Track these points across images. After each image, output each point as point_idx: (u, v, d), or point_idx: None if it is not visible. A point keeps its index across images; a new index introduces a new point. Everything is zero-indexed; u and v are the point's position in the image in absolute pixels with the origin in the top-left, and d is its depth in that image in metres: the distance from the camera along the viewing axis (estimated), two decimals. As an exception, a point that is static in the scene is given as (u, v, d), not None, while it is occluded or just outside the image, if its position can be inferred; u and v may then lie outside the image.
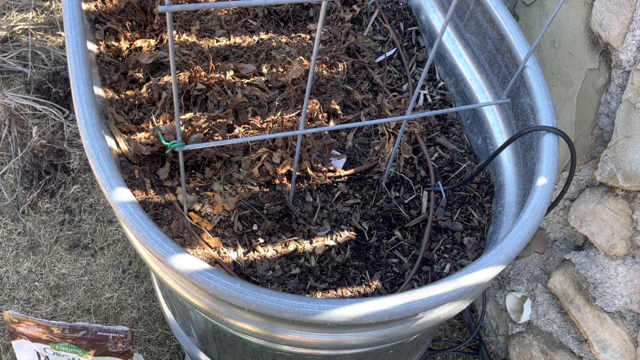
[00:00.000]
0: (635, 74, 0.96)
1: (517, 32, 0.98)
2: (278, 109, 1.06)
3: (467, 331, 1.67)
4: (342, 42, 1.23)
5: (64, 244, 1.70)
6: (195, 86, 1.03)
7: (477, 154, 1.10)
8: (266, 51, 1.17)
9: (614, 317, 1.12)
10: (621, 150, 1.00)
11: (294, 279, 0.89)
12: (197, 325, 1.01)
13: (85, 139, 0.75)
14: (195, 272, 0.67)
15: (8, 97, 1.90)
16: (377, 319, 0.67)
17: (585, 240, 1.20)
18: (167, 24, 0.55)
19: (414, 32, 1.31)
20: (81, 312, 1.59)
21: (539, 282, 1.36)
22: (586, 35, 1.08)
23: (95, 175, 0.73)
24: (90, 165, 0.74)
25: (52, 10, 2.28)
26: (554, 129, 0.86)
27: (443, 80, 1.22)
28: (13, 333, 1.06)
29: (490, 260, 0.73)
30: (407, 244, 0.97)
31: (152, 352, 1.55)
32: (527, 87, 0.93)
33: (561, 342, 1.31)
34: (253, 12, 1.28)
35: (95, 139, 0.75)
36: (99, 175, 0.73)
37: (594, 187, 1.13)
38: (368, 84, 1.19)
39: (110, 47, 1.09)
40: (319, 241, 0.93)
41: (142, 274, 1.67)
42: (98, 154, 0.74)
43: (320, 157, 1.03)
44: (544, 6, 1.20)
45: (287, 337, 0.73)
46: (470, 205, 1.02)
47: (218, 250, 0.89)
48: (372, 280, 0.91)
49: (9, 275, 1.63)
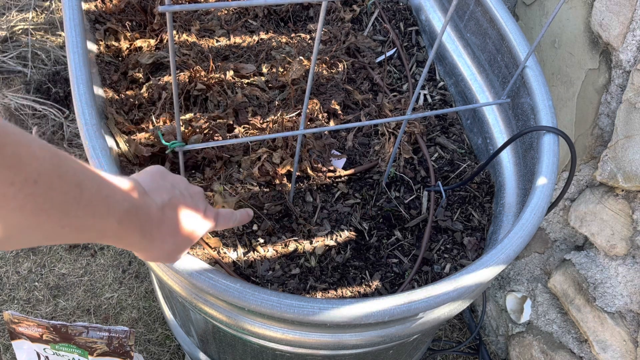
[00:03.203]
0: (635, 74, 0.96)
1: (517, 32, 0.98)
2: (278, 109, 1.06)
3: (467, 331, 1.67)
4: (342, 42, 1.23)
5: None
6: (195, 86, 1.03)
7: (477, 154, 1.10)
8: (266, 51, 1.17)
9: (614, 317, 1.12)
10: (621, 150, 1.00)
11: (294, 279, 0.89)
12: (197, 325, 1.01)
13: (85, 139, 0.75)
14: (195, 272, 0.67)
15: (8, 97, 1.90)
16: (377, 319, 0.67)
17: (585, 241, 1.20)
18: (167, 24, 0.55)
19: (414, 32, 1.31)
20: (81, 312, 1.59)
21: (539, 282, 1.36)
22: (586, 35, 1.08)
23: (95, 175, 0.73)
24: (91, 165, 0.74)
25: (52, 10, 2.28)
26: (554, 129, 0.86)
27: (443, 80, 1.22)
28: (13, 333, 1.05)
29: (491, 260, 0.73)
30: (407, 244, 0.97)
31: (152, 352, 1.55)
32: (527, 87, 0.93)
33: (561, 342, 1.31)
34: (253, 12, 1.28)
35: (96, 139, 0.75)
36: (99, 175, 0.73)
37: (594, 187, 1.13)
38: (368, 84, 1.19)
39: (110, 47, 1.09)
40: (319, 241, 0.93)
41: (142, 274, 1.67)
42: (98, 154, 0.74)
43: (320, 157, 1.03)
44: (544, 6, 1.20)
45: (287, 337, 0.73)
46: (470, 205, 1.02)
47: (218, 250, 0.89)
48: (372, 280, 0.91)
49: (9, 275, 1.63)
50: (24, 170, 0.31)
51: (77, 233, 0.38)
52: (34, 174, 0.32)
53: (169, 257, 0.55)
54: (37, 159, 0.32)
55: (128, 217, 0.43)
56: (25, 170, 0.31)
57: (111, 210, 0.41)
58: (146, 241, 0.48)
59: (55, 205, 0.34)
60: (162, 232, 0.49)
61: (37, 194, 0.32)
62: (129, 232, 0.45)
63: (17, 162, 0.31)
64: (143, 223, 0.46)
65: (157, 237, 0.49)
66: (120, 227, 0.43)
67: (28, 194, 0.32)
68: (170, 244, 0.52)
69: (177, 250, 0.54)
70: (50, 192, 0.33)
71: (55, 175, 0.34)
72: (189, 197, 0.53)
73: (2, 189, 0.30)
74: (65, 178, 0.35)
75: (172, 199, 0.50)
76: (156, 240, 0.49)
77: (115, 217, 0.41)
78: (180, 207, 0.51)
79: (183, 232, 0.52)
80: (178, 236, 0.52)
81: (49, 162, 0.33)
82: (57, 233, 0.36)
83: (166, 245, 0.51)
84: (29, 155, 0.32)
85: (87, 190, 0.37)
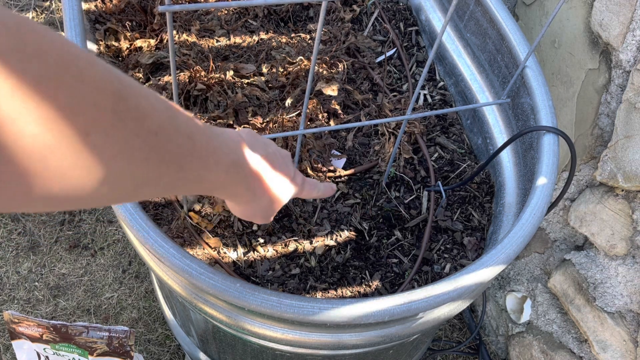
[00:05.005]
0: (635, 74, 0.96)
1: (517, 32, 0.98)
2: (278, 109, 1.06)
3: (467, 331, 1.67)
4: (342, 42, 1.23)
5: (64, 244, 1.70)
6: (195, 86, 1.03)
7: (477, 154, 1.10)
8: (266, 51, 1.17)
9: (614, 317, 1.12)
10: (621, 150, 1.00)
11: (294, 279, 0.89)
12: (197, 325, 1.01)
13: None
14: (195, 272, 0.67)
15: (8, 97, 1.90)
16: (377, 319, 0.67)
17: (585, 241, 1.20)
18: (167, 24, 0.55)
19: (414, 32, 1.31)
20: (81, 312, 1.59)
21: (539, 282, 1.36)
22: (586, 35, 1.08)
23: (95, 175, 0.73)
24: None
25: (52, 10, 2.28)
26: (554, 129, 0.86)
27: (443, 80, 1.22)
28: (13, 333, 1.06)
29: (491, 260, 0.73)
30: (407, 244, 0.97)
31: (152, 352, 1.55)
32: (527, 87, 0.93)
33: (561, 342, 1.31)
34: (253, 12, 1.28)
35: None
36: (99, 175, 0.72)
37: (594, 187, 1.13)
38: (368, 84, 1.19)
39: (110, 47, 1.09)
40: (319, 241, 0.93)
41: (142, 274, 1.67)
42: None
43: (320, 157, 1.03)
44: (544, 6, 1.20)
45: (287, 337, 0.73)
46: (470, 205, 1.02)
47: (218, 250, 0.89)
48: (372, 280, 0.91)
49: (9, 275, 1.63)
50: (146, 122, 0.31)
51: (191, 184, 0.39)
52: (154, 126, 0.32)
53: (265, 214, 0.55)
54: (156, 111, 0.32)
55: (234, 169, 0.44)
56: (147, 122, 0.31)
57: (219, 162, 0.41)
58: (250, 193, 0.49)
59: (173, 158, 0.35)
60: (261, 186, 0.50)
61: (158, 146, 0.33)
62: (236, 183, 0.45)
63: (140, 114, 0.31)
64: (246, 175, 0.47)
65: (258, 191, 0.49)
66: (227, 179, 0.43)
67: (151, 146, 0.32)
68: (267, 200, 0.52)
69: (271, 208, 0.54)
70: (169, 144, 0.34)
71: (172, 127, 0.34)
72: (280, 157, 0.53)
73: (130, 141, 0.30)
74: (180, 130, 0.35)
75: (267, 155, 0.50)
76: (257, 194, 0.50)
77: (223, 169, 0.42)
78: (273, 165, 0.51)
79: (276, 190, 0.52)
80: (272, 193, 0.52)
81: (165, 113, 0.34)
82: (174, 185, 0.37)
83: (264, 200, 0.51)
84: (149, 107, 0.32)
85: (198, 142, 0.37)
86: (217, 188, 0.44)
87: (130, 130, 0.30)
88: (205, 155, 0.39)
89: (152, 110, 0.32)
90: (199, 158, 0.38)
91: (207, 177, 0.40)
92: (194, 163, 0.37)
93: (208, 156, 0.39)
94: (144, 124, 0.31)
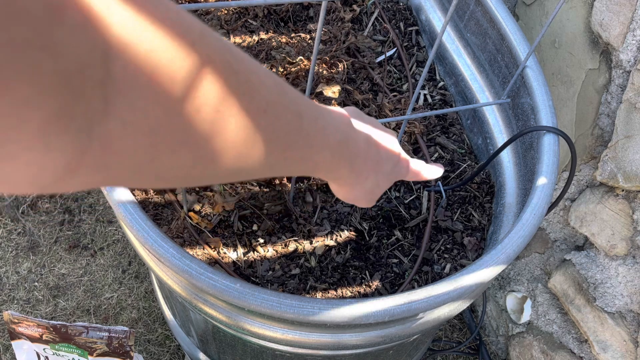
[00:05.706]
0: (635, 74, 0.96)
1: (517, 32, 0.98)
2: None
3: (467, 331, 1.67)
4: (342, 42, 1.23)
5: (64, 244, 1.70)
6: (195, 86, 1.02)
7: (477, 154, 1.10)
8: (266, 51, 1.17)
9: (614, 318, 1.12)
10: (621, 150, 1.00)
11: (294, 279, 0.89)
12: (197, 326, 1.01)
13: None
14: (195, 272, 0.67)
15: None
16: (377, 319, 0.67)
17: (585, 241, 1.20)
18: (167, 24, 0.55)
19: (414, 32, 1.31)
20: (81, 312, 1.59)
21: (539, 283, 1.36)
22: (586, 35, 1.08)
23: (95, 175, 0.73)
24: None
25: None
26: (554, 129, 0.86)
27: (443, 80, 1.22)
28: (13, 333, 1.05)
29: (491, 260, 0.73)
30: (407, 244, 0.97)
31: (152, 352, 1.54)
32: (527, 87, 0.93)
33: (561, 343, 1.31)
34: (253, 12, 1.28)
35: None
36: (99, 175, 0.72)
37: (594, 187, 1.13)
38: (368, 84, 1.19)
39: (110, 47, 1.09)
40: (319, 241, 0.93)
41: (142, 274, 1.67)
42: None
43: (320, 157, 1.03)
44: (544, 6, 1.20)
45: (287, 337, 0.73)
46: (470, 205, 1.02)
47: (218, 250, 0.89)
48: (372, 281, 0.91)
49: (9, 275, 1.63)
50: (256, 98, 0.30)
51: (296, 164, 0.37)
52: (263, 103, 0.30)
53: (369, 197, 0.52)
54: (265, 87, 0.31)
55: (340, 149, 0.42)
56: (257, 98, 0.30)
57: (325, 142, 0.39)
58: (354, 175, 0.46)
59: (281, 136, 0.33)
60: (367, 167, 0.47)
61: (267, 123, 0.31)
62: (340, 164, 0.43)
63: (250, 90, 0.29)
64: (352, 155, 0.44)
65: (363, 172, 0.47)
66: (333, 159, 0.41)
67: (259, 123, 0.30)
68: (371, 182, 0.49)
69: (375, 191, 0.51)
70: (277, 122, 0.32)
71: (281, 104, 0.32)
72: (387, 137, 0.50)
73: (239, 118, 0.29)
74: (289, 107, 0.33)
75: (373, 135, 0.48)
76: (361, 175, 0.47)
77: (329, 149, 0.40)
78: (380, 145, 0.48)
79: (383, 171, 0.50)
80: (379, 174, 0.49)
81: (275, 89, 0.32)
82: (280, 164, 0.35)
83: (368, 182, 0.49)
84: (259, 82, 0.30)
85: (306, 120, 0.35)
86: (321, 169, 0.41)
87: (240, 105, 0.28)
88: (312, 134, 0.36)
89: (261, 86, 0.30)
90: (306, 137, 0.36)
91: (312, 157, 0.38)
92: (300, 142, 0.35)
93: (315, 135, 0.37)
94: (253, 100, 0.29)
